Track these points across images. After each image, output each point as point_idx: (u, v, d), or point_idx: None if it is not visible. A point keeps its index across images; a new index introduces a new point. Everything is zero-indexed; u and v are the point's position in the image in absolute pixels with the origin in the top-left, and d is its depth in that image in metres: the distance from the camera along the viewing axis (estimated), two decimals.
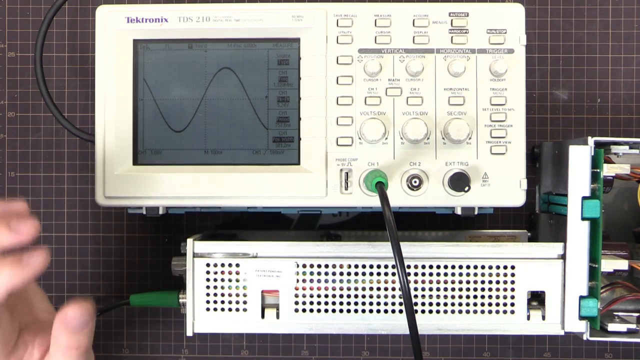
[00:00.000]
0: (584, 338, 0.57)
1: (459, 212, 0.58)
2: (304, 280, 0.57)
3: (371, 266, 0.57)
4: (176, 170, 0.59)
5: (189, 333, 0.57)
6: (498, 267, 0.57)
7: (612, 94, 0.70)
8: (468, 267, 0.57)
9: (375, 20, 0.58)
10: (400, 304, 0.57)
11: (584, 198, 0.56)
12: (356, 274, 0.57)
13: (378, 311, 0.57)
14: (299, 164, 0.59)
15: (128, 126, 0.59)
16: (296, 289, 0.57)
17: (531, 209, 0.68)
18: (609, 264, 0.56)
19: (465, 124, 0.57)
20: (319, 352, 0.70)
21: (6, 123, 0.70)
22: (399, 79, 0.58)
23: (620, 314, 0.62)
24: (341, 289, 0.57)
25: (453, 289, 0.57)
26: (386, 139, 0.58)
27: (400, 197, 0.58)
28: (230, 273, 0.57)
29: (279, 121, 0.59)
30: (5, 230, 0.46)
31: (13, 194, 0.70)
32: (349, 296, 0.57)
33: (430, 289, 0.57)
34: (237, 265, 0.57)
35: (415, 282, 0.57)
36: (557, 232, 0.61)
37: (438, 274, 0.57)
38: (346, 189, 0.58)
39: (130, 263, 0.71)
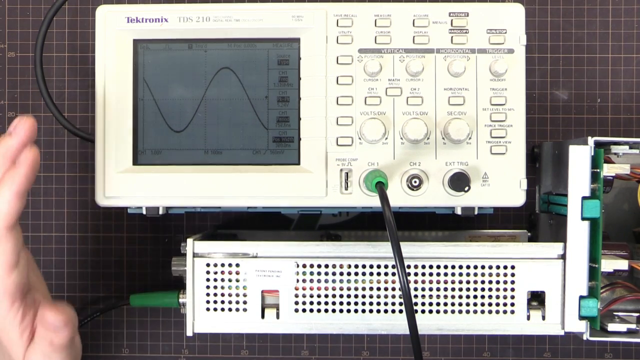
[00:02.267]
0: (584, 338, 0.57)
1: (459, 212, 0.58)
2: (304, 280, 0.57)
3: (371, 266, 0.57)
4: (176, 170, 0.59)
5: (189, 333, 0.57)
6: (498, 267, 0.57)
7: (612, 94, 0.70)
8: (468, 267, 0.57)
9: (375, 20, 0.58)
10: (400, 304, 0.57)
11: (584, 198, 0.56)
12: (356, 274, 0.57)
13: (378, 311, 0.57)
14: (299, 164, 0.59)
15: (128, 126, 0.59)
16: (296, 289, 0.57)
17: (531, 209, 0.68)
18: (609, 264, 0.56)
19: (465, 124, 0.57)
20: (319, 352, 0.70)
21: (6, 123, 0.70)
22: (399, 79, 0.58)
23: (620, 314, 0.62)
24: (341, 289, 0.57)
25: (453, 289, 0.57)
26: (386, 139, 0.58)
27: (400, 197, 0.58)
28: (230, 273, 0.57)
29: (279, 121, 0.59)
30: (14, 167, 0.49)
31: None
32: (349, 296, 0.57)
33: (430, 289, 0.57)
34: (237, 265, 0.57)
35: (415, 282, 0.57)
36: (557, 232, 0.61)
37: (438, 274, 0.57)
38: (346, 189, 0.58)
39: (130, 263, 0.71)
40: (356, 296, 0.57)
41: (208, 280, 0.57)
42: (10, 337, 0.53)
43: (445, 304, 0.57)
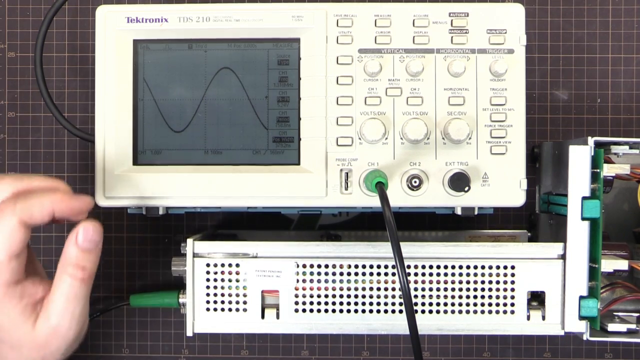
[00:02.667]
0: (584, 338, 0.57)
1: (459, 212, 0.58)
2: (304, 280, 0.57)
3: (371, 266, 0.57)
4: (176, 170, 0.59)
5: (189, 333, 0.57)
6: (498, 267, 0.57)
7: (612, 94, 0.70)
8: (468, 267, 0.57)
9: (375, 20, 0.58)
10: (400, 304, 0.57)
11: (584, 198, 0.56)
12: (356, 274, 0.57)
13: (378, 311, 0.57)
14: (299, 164, 0.59)
15: (128, 126, 0.59)
16: (296, 289, 0.57)
17: (531, 209, 0.68)
18: (609, 264, 0.56)
19: (465, 124, 0.57)
20: (319, 352, 0.70)
21: (6, 123, 0.70)
22: (399, 79, 0.58)
23: (620, 314, 0.62)
24: (341, 289, 0.57)
25: (453, 289, 0.57)
26: (386, 139, 0.58)
27: (400, 197, 0.58)
28: (230, 273, 0.57)
29: (279, 121, 0.59)
30: (70, 195, 0.52)
31: None
32: (349, 296, 0.57)
33: (430, 289, 0.57)
34: (237, 265, 0.57)
35: (415, 282, 0.57)
36: (557, 232, 0.61)
37: (438, 274, 0.57)
38: (346, 189, 0.58)
39: (130, 263, 0.71)
40: (356, 296, 0.57)
41: (208, 280, 0.57)
42: (10, 318, 0.52)
43: (445, 304, 0.57)
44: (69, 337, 0.53)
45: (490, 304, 0.57)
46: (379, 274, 0.57)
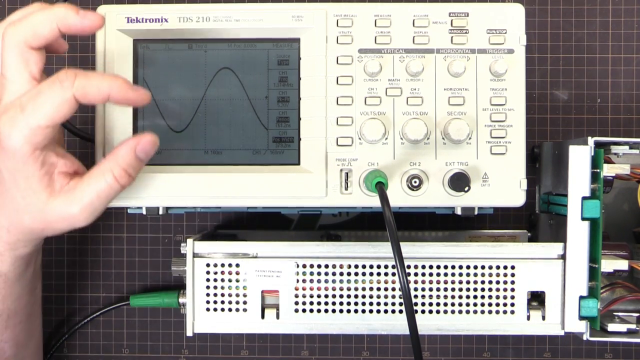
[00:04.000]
0: (584, 338, 0.57)
1: (459, 212, 0.58)
2: (304, 281, 0.57)
3: (371, 266, 0.57)
4: (176, 170, 0.59)
5: (189, 333, 0.57)
6: (498, 267, 0.57)
7: (612, 94, 0.70)
8: (468, 267, 0.57)
9: (375, 20, 0.58)
10: (400, 304, 0.57)
11: (584, 198, 0.56)
12: (356, 274, 0.57)
13: (378, 311, 0.57)
14: (299, 164, 0.59)
15: (128, 126, 0.59)
16: (296, 289, 0.57)
17: (531, 209, 0.68)
18: (609, 264, 0.56)
19: (465, 124, 0.57)
20: (319, 352, 0.70)
21: None
22: (399, 79, 0.58)
23: (620, 314, 0.62)
24: (341, 289, 0.57)
25: (453, 289, 0.57)
26: (386, 139, 0.58)
27: (400, 197, 0.58)
28: (230, 273, 0.57)
29: (279, 121, 0.59)
30: (74, 11, 0.52)
31: None
32: (349, 296, 0.57)
33: (430, 289, 0.57)
34: (237, 265, 0.57)
35: (415, 282, 0.57)
36: (557, 232, 0.61)
37: (438, 274, 0.57)
38: (346, 189, 0.58)
39: (130, 263, 0.71)
40: (356, 296, 0.57)
41: (208, 280, 0.57)
42: (29, 182, 0.52)
43: (445, 304, 0.57)
44: (77, 225, 0.54)
45: (490, 304, 0.57)
46: (379, 274, 0.57)
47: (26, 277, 0.59)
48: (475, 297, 0.57)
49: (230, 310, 0.57)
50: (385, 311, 0.57)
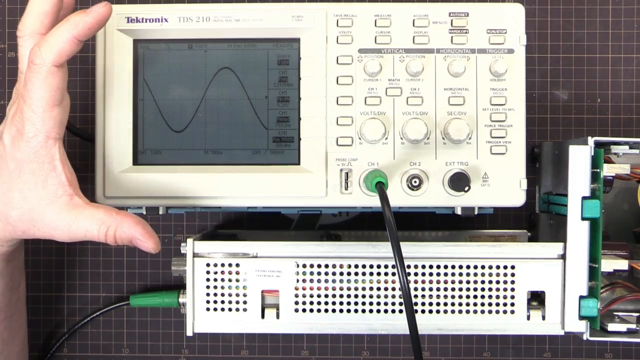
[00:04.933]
0: (584, 338, 0.57)
1: (459, 212, 0.58)
2: (304, 280, 0.57)
3: (371, 266, 0.57)
4: (176, 170, 0.59)
5: (189, 333, 0.57)
6: (498, 267, 0.57)
7: (612, 94, 0.70)
8: (468, 267, 0.57)
9: (375, 20, 0.58)
10: (400, 304, 0.57)
11: (584, 198, 0.56)
12: (356, 274, 0.57)
13: (378, 311, 0.57)
14: (299, 164, 0.59)
15: (128, 126, 0.59)
16: (296, 289, 0.57)
17: (531, 209, 0.68)
18: (609, 264, 0.56)
19: (465, 124, 0.57)
20: (319, 352, 0.70)
21: None
22: (399, 79, 0.58)
23: (620, 314, 0.62)
24: (341, 289, 0.57)
25: (453, 289, 0.57)
26: (386, 139, 0.58)
27: (400, 197, 0.58)
28: (230, 273, 0.57)
29: (279, 121, 0.59)
30: (83, 13, 0.52)
31: None
32: (349, 296, 0.57)
33: (430, 289, 0.57)
34: (237, 265, 0.57)
35: (415, 282, 0.57)
36: (557, 232, 0.61)
37: (438, 274, 0.57)
38: (346, 189, 0.58)
39: (130, 263, 0.71)
40: (356, 296, 0.57)
41: (208, 280, 0.57)
42: (36, 174, 0.53)
43: (445, 304, 0.57)
44: (56, 239, 0.55)
45: (490, 304, 0.57)
46: (379, 274, 0.57)
47: (7, 273, 0.59)
48: (475, 297, 0.57)
49: (230, 310, 0.57)
50: (385, 311, 0.57)
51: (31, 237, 0.55)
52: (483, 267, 0.57)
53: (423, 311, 0.57)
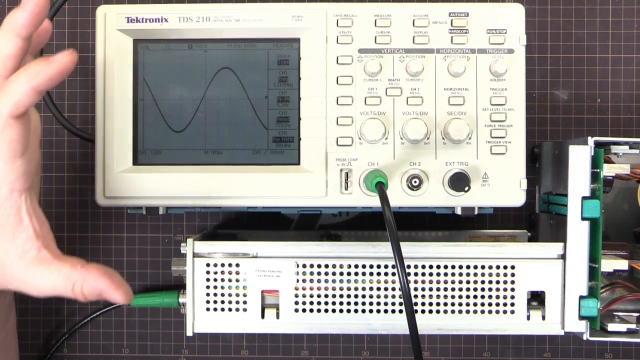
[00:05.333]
0: (584, 338, 0.57)
1: (459, 212, 0.58)
2: (304, 280, 0.57)
3: (371, 266, 0.57)
4: (176, 170, 0.59)
5: (189, 333, 0.57)
6: (498, 267, 0.57)
7: (612, 94, 0.70)
8: (468, 267, 0.57)
9: (375, 20, 0.58)
10: (400, 304, 0.57)
11: (584, 198, 0.56)
12: (356, 274, 0.57)
13: (378, 311, 0.57)
14: (299, 164, 0.59)
15: (128, 126, 0.59)
16: (296, 289, 0.57)
17: (531, 209, 0.68)
18: (609, 264, 0.56)
19: (465, 124, 0.57)
20: (319, 352, 0.70)
21: None
22: (399, 79, 0.58)
23: (620, 314, 0.62)
24: (341, 289, 0.57)
25: (453, 289, 0.57)
26: (386, 139, 0.58)
27: (400, 197, 0.58)
28: (230, 273, 0.57)
29: (279, 121, 0.59)
30: (44, 62, 0.48)
31: None
32: (349, 296, 0.57)
33: (430, 289, 0.57)
34: (237, 265, 0.57)
35: (415, 282, 0.57)
36: (557, 232, 0.61)
37: (438, 274, 0.57)
38: (346, 189, 0.58)
39: (130, 263, 0.71)
40: (356, 296, 0.57)
41: (208, 280, 0.57)
42: (4, 228, 0.51)
43: (445, 304, 0.57)
44: (26, 293, 0.52)
45: (490, 304, 0.57)
46: (379, 274, 0.57)
47: None
48: (475, 297, 0.57)
49: (230, 310, 0.57)
50: (385, 311, 0.57)
51: (6, 289, 0.53)
52: (483, 267, 0.57)
53: (423, 311, 0.57)
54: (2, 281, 0.52)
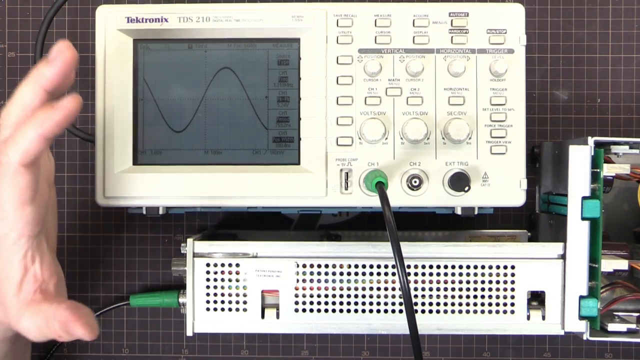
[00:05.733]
0: (584, 338, 0.57)
1: (459, 212, 0.58)
2: (304, 280, 0.57)
3: (371, 266, 0.57)
4: (176, 170, 0.59)
5: (189, 333, 0.57)
6: (498, 267, 0.57)
7: (612, 94, 0.70)
8: (468, 267, 0.57)
9: (375, 20, 0.58)
10: (400, 304, 0.57)
11: (584, 198, 0.56)
12: (356, 274, 0.57)
13: (378, 311, 0.57)
14: (299, 164, 0.59)
15: (128, 126, 0.59)
16: (296, 289, 0.57)
17: (531, 209, 0.68)
18: (609, 264, 0.56)
19: (465, 124, 0.57)
20: (319, 352, 0.70)
21: None
22: (399, 79, 0.58)
23: (620, 314, 0.62)
24: (341, 289, 0.57)
25: (453, 289, 0.57)
26: (386, 139, 0.58)
27: (400, 197, 0.58)
28: (230, 273, 0.57)
29: (279, 121, 0.59)
30: (50, 109, 0.48)
31: None
32: (349, 296, 0.57)
33: (430, 289, 0.57)
34: (237, 265, 0.57)
35: (415, 282, 0.57)
36: (557, 232, 0.61)
37: (438, 274, 0.57)
38: (346, 189, 0.58)
39: (130, 263, 0.71)
40: (356, 296, 0.57)
41: (208, 280, 0.57)
42: (7, 271, 0.52)
43: (445, 304, 0.57)
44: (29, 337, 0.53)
45: (490, 304, 0.57)
46: (379, 274, 0.57)
47: (11, 353, 0.58)
48: (475, 297, 0.57)
49: (230, 310, 0.57)
50: (385, 311, 0.57)
51: (15, 329, 0.53)
52: (483, 267, 0.57)
53: (423, 311, 0.57)
54: (6, 322, 0.53)
